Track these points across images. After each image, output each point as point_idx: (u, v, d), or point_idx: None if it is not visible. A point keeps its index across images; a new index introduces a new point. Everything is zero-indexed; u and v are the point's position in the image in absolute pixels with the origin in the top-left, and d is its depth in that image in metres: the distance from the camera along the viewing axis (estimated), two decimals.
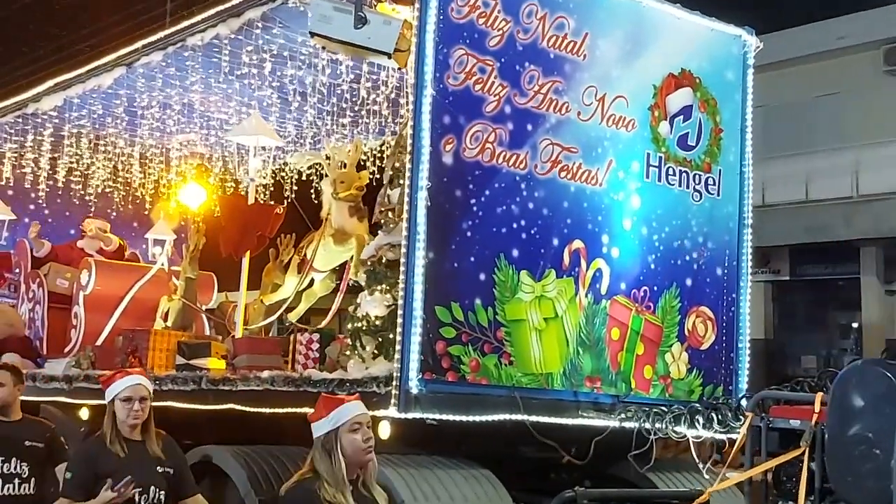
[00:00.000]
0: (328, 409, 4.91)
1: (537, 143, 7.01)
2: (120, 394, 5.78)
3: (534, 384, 6.85)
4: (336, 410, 4.89)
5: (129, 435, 5.74)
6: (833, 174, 18.18)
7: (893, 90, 18.28)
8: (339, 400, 5.00)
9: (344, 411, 4.90)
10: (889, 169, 17.69)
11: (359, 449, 4.79)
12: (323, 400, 5.03)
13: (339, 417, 4.86)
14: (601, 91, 7.31)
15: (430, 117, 6.52)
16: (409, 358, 6.32)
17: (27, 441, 6.49)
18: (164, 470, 5.75)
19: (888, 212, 17.64)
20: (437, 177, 6.52)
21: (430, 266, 6.43)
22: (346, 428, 4.81)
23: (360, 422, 4.89)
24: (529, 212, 6.94)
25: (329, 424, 4.85)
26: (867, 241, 18.08)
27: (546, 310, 6.94)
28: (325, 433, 4.82)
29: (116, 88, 9.71)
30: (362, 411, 4.97)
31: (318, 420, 4.91)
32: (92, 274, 11.25)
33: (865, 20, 18.11)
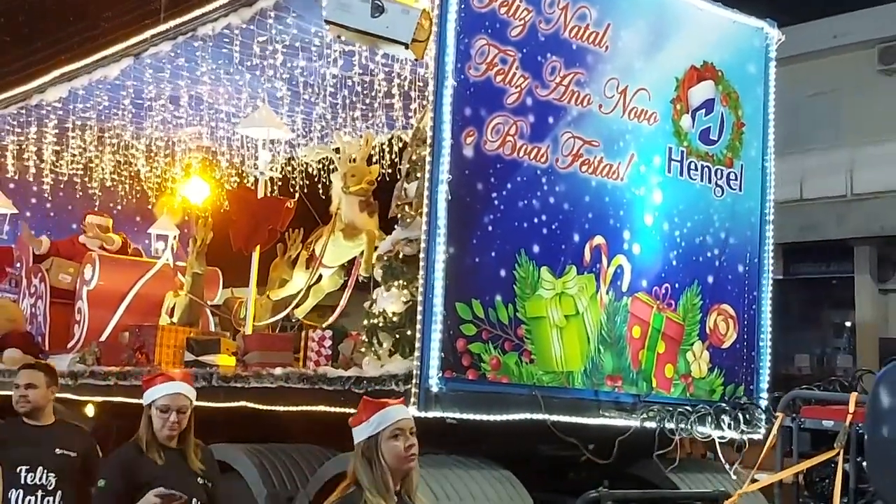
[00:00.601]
0: (369, 412, 4.52)
1: (558, 137, 6.85)
2: (157, 401, 5.23)
3: (555, 383, 6.69)
4: (378, 414, 4.50)
5: (167, 443, 5.24)
6: (827, 173, 18.06)
7: (888, 89, 18.24)
8: (382, 403, 4.59)
9: (386, 416, 4.49)
10: (883, 168, 17.64)
11: (400, 457, 4.38)
12: (364, 403, 4.63)
13: (381, 422, 4.47)
14: (623, 83, 7.16)
15: (450, 109, 6.36)
16: (429, 355, 6.15)
17: (58, 449, 5.86)
18: (203, 482, 5.28)
19: (882, 211, 17.56)
20: (458, 170, 6.36)
21: (450, 261, 6.27)
22: (388, 434, 4.40)
23: (402, 427, 4.48)
24: (550, 206, 6.79)
25: (370, 429, 4.47)
26: (861, 240, 17.99)
27: (567, 307, 6.78)
28: (366, 439, 4.41)
29: (123, 79, 9.54)
30: (404, 416, 4.56)
31: (358, 424, 4.54)
32: (96, 269, 11.08)
33: (860, 19, 18.03)
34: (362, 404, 4.57)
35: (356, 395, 6.53)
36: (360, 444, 4.36)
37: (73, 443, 5.96)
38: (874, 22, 17.97)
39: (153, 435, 5.20)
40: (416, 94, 9.31)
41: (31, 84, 10.49)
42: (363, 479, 4.24)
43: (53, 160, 12.01)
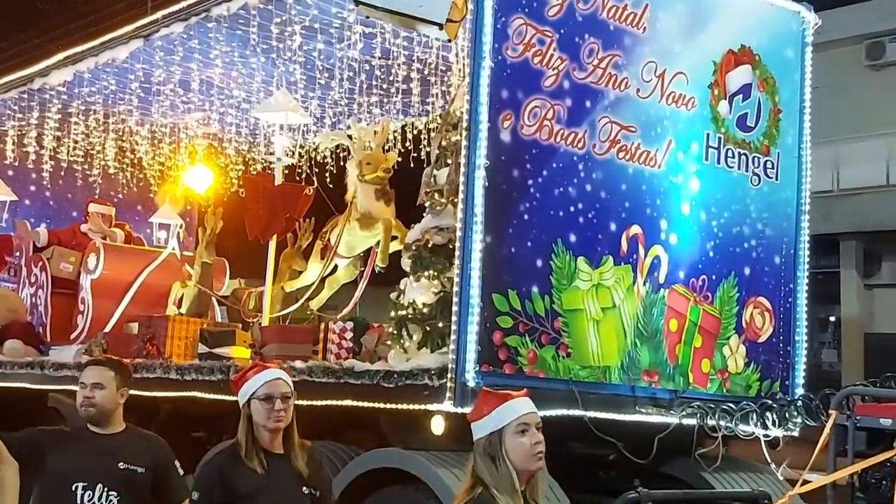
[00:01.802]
0: (491, 405, 4.14)
1: (595, 122, 6.58)
2: (257, 392, 4.66)
3: (591, 378, 6.43)
4: (500, 408, 4.11)
5: (270, 446, 4.67)
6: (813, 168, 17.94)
7: (875, 85, 18.16)
8: (505, 395, 4.19)
9: (510, 409, 4.09)
10: (869, 163, 17.66)
11: (527, 455, 4.02)
12: (484, 395, 4.27)
13: (504, 417, 4.08)
14: (661, 67, 6.89)
15: (488, 91, 6.08)
16: (465, 349, 5.88)
17: (122, 463, 4.99)
18: (309, 491, 4.70)
19: (868, 206, 17.59)
20: (495, 155, 6.09)
21: (486, 251, 5.99)
22: (512, 429, 4.03)
23: (529, 422, 4.09)
24: (587, 194, 6.52)
25: (492, 425, 4.07)
26: (847, 235, 18.02)
27: (604, 299, 6.51)
28: (488, 435, 4.05)
29: (132, 62, 9.23)
30: (531, 410, 4.13)
31: (478, 419, 4.17)
32: (100, 258, 10.79)
33: (847, 15, 17.89)
34: (483, 396, 4.19)
35: (385, 390, 6.28)
36: (482, 440, 3.99)
37: (140, 456, 5.06)
38: (861, 18, 17.91)
39: (253, 439, 4.64)
40: (436, 79, 9.03)
41: (34, 67, 10.16)
42: (486, 478, 3.89)
43: (54, 146, 11.69)
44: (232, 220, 10.44)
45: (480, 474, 3.90)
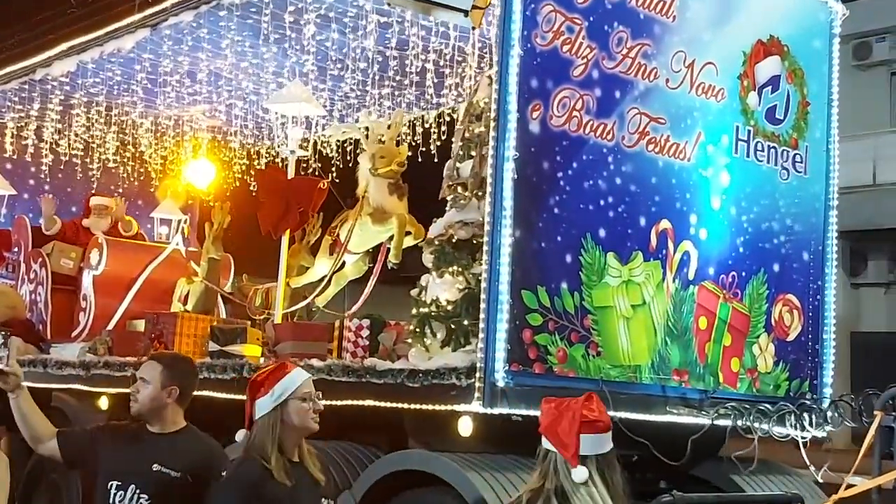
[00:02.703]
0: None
1: (625, 113, 6.38)
2: (298, 391, 4.42)
3: (622, 377, 6.22)
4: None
5: (291, 454, 4.43)
6: None
7: (861, 85, 18.03)
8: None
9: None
10: (855, 163, 17.50)
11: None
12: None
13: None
14: (690, 57, 6.69)
15: (517, 80, 5.86)
16: (494, 347, 5.66)
17: (156, 464, 4.71)
18: (328, 501, 4.52)
19: (854, 206, 17.49)
20: (524, 147, 5.87)
21: (515, 246, 5.78)
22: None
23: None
24: (616, 188, 6.31)
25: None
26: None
27: (633, 296, 6.30)
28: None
29: (138, 52, 8.98)
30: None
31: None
32: (103, 253, 10.53)
33: None
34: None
35: (409, 390, 6.06)
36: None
37: (180, 459, 4.75)
38: (848, 18, 17.76)
39: (280, 448, 4.35)
40: (451, 70, 8.81)
41: (37, 57, 9.91)
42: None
43: (55, 139, 11.44)
44: (236, 215, 10.22)
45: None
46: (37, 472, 9.05)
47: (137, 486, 4.68)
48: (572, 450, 3.91)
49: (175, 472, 4.72)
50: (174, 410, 4.90)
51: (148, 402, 4.84)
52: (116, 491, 4.69)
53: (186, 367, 5.13)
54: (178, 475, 4.72)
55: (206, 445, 4.96)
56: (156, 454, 4.74)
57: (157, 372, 4.86)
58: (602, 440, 4.01)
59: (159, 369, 4.88)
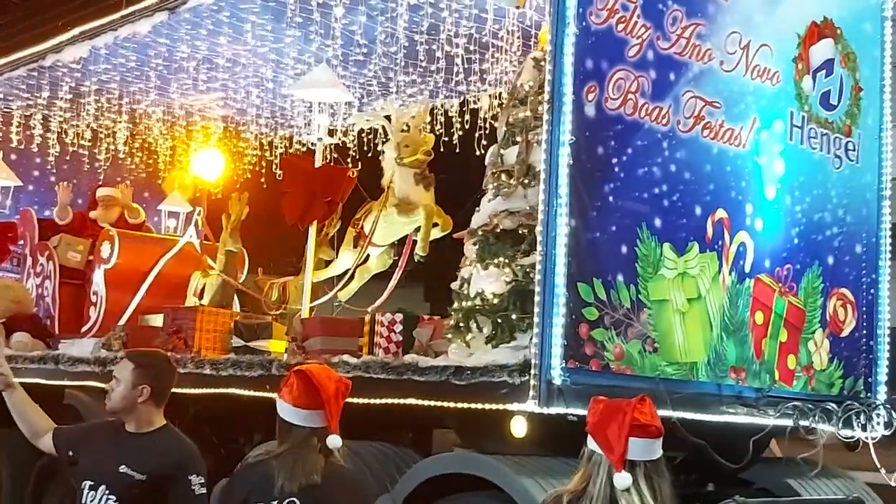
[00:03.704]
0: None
1: (679, 96, 6.06)
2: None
3: (678, 375, 5.90)
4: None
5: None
6: None
7: None
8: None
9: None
10: None
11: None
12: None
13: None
14: (745, 38, 6.37)
15: (572, 60, 5.54)
16: (550, 343, 5.33)
17: (123, 466, 4.55)
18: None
19: None
20: (579, 131, 5.54)
21: (571, 236, 5.45)
22: None
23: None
24: (671, 175, 5.99)
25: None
26: None
27: (689, 289, 5.98)
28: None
29: (154, 37, 8.63)
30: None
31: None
32: (115, 246, 10.18)
33: None
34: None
35: (455, 388, 5.74)
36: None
37: (146, 461, 4.58)
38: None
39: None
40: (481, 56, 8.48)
41: (47, 43, 9.54)
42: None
43: (62, 129, 11.09)
44: (255, 207, 9.91)
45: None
46: (48, 470, 8.71)
47: (107, 486, 4.55)
48: (619, 453, 3.68)
49: (140, 474, 4.55)
50: (148, 410, 4.72)
51: (119, 401, 4.71)
52: (89, 491, 4.58)
53: (160, 366, 4.91)
54: (142, 478, 4.55)
55: (177, 448, 4.75)
56: (125, 455, 4.59)
57: (129, 371, 4.73)
58: (652, 446, 3.77)
59: (130, 368, 4.74)
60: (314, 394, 4.13)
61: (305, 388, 4.14)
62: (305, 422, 4.14)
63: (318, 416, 4.14)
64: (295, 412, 4.16)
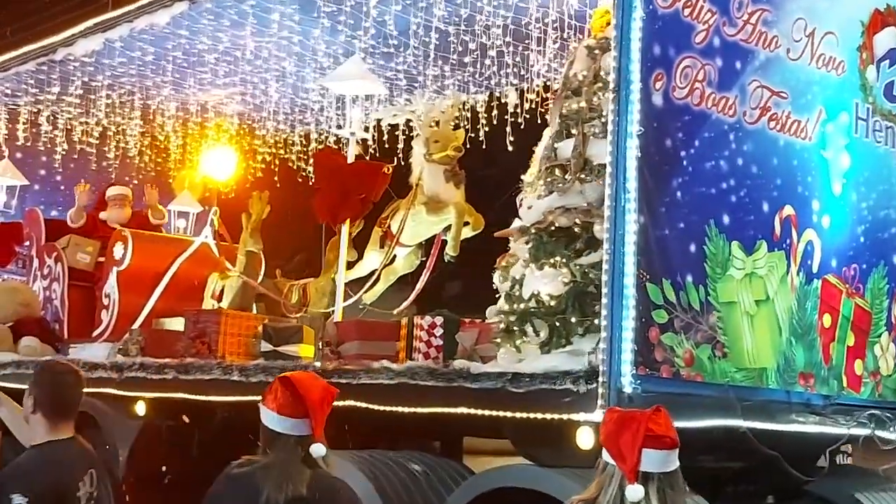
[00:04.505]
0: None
1: (746, 86, 5.70)
2: None
3: (748, 382, 5.54)
4: None
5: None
6: None
7: None
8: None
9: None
10: None
11: None
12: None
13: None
14: (810, 25, 6.02)
15: (639, 46, 5.18)
16: (620, 348, 4.97)
17: (8, 484, 4.25)
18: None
19: None
20: (647, 122, 5.19)
21: (640, 233, 5.10)
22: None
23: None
24: (739, 169, 5.63)
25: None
26: None
27: (757, 290, 5.63)
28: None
29: (174, 28, 8.26)
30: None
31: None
32: (128, 247, 9.81)
33: None
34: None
35: (512, 396, 5.38)
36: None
37: (23, 480, 4.28)
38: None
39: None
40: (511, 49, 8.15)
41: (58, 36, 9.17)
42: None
43: (72, 126, 10.71)
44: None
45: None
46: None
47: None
48: (631, 464, 3.53)
49: (21, 495, 4.17)
50: (37, 422, 4.45)
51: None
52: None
53: (45, 377, 4.62)
54: (22, 500, 4.17)
55: (53, 466, 4.39)
56: (9, 473, 4.34)
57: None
58: (667, 458, 3.60)
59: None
60: (299, 401, 3.95)
61: (290, 395, 3.96)
62: (291, 430, 3.94)
63: (304, 425, 3.94)
64: (280, 420, 3.95)
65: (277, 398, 3.96)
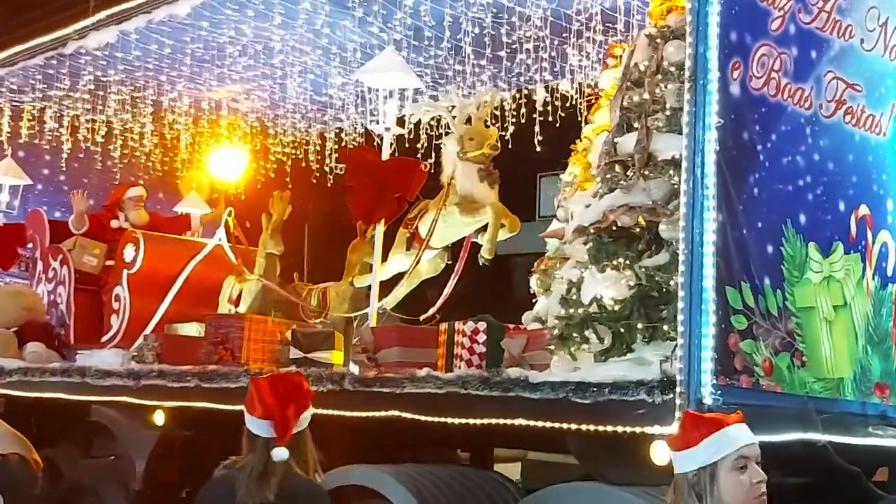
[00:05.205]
0: (701, 432, 3.51)
1: (821, 77, 5.36)
2: (732, 456, 3.54)
3: (826, 393, 5.18)
4: (713, 437, 3.52)
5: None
6: None
7: None
8: (717, 421, 3.61)
9: (725, 439, 3.53)
10: None
11: (746, 496, 3.46)
12: (691, 419, 3.68)
13: (720, 448, 3.50)
14: (883, 14, 5.68)
15: (717, 32, 4.84)
16: (700, 356, 4.61)
17: None
18: None
19: None
20: (725, 113, 4.84)
21: (719, 233, 4.74)
22: (729, 464, 3.49)
23: (749, 455, 3.53)
24: (814, 166, 5.28)
25: (704, 456, 3.49)
26: None
27: (835, 295, 5.28)
28: (696, 470, 3.51)
29: (195, 20, 7.89)
30: (752, 440, 3.60)
31: (684, 448, 3.55)
32: (140, 249, 9.41)
33: None
34: (690, 420, 3.67)
35: (576, 407, 5.01)
36: (687, 476, 3.52)
37: None
38: None
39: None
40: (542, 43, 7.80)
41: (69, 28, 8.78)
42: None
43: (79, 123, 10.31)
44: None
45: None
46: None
47: None
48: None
49: None
50: None
51: None
52: None
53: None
54: None
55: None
56: None
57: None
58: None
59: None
60: (262, 403, 3.99)
61: (259, 396, 4.00)
62: (260, 431, 3.99)
63: (271, 427, 3.98)
64: (252, 421, 4.02)
65: (250, 399, 4.03)
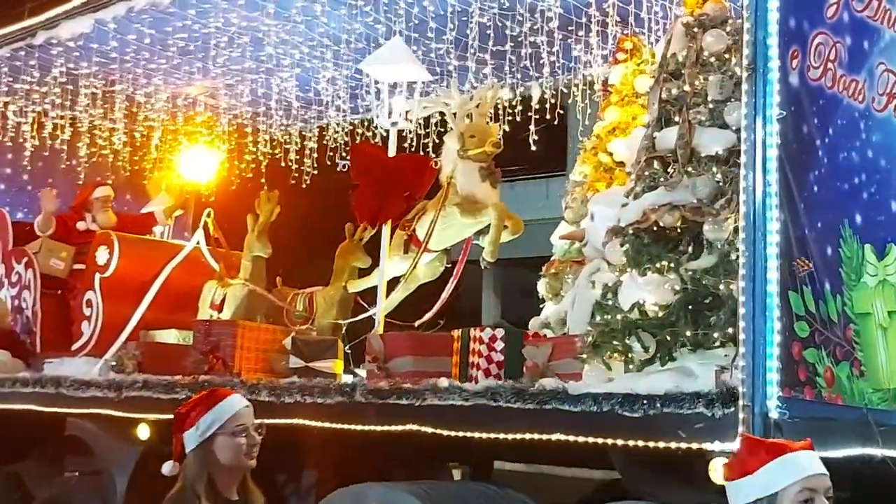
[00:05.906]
0: (761, 459, 3.21)
1: (874, 68, 5.02)
2: (228, 423, 3.83)
3: (883, 404, 4.85)
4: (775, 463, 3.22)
5: (227, 492, 3.85)
6: None
7: None
8: (781, 446, 3.30)
9: (791, 467, 3.23)
10: None
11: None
12: (748, 443, 3.43)
13: (784, 476, 3.19)
14: None
15: (777, 17, 4.51)
16: (764, 366, 4.27)
17: None
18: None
19: None
20: (786, 105, 4.51)
21: (782, 233, 4.41)
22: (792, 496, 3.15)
23: (817, 488, 3.22)
24: (869, 162, 4.95)
25: (762, 485, 3.16)
26: None
27: (890, 300, 4.93)
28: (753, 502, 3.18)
29: (181, 9, 7.44)
30: (820, 470, 3.30)
31: (740, 477, 3.24)
32: (114, 252, 8.91)
33: None
34: (749, 445, 3.39)
35: (623, 421, 4.65)
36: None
37: None
38: None
39: (213, 485, 3.79)
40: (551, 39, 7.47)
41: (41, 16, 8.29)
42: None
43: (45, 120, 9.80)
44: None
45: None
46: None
47: None
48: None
49: None
50: None
51: None
52: None
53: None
54: None
55: None
56: None
57: None
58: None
59: None
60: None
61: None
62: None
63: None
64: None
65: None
